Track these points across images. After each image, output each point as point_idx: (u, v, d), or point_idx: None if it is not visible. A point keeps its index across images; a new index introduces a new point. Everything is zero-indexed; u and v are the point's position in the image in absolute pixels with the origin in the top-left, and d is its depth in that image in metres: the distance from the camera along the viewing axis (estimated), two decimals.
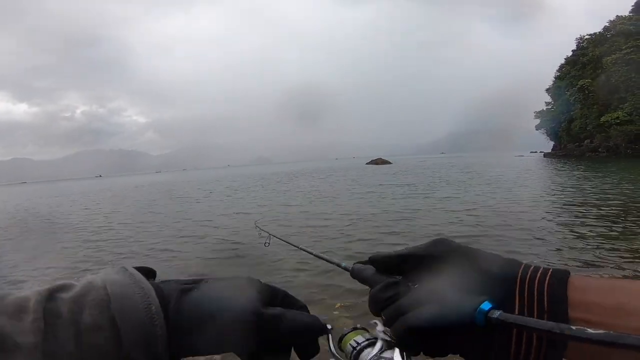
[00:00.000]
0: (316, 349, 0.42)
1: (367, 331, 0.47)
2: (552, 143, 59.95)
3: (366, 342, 0.45)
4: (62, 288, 0.33)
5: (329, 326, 0.43)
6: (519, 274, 0.36)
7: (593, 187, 12.32)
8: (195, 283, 0.39)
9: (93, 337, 0.30)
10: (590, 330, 0.27)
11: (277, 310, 0.39)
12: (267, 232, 1.06)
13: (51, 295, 0.32)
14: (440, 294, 0.37)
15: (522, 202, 10.07)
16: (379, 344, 0.44)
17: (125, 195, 24.10)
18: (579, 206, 8.89)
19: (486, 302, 0.34)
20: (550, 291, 0.34)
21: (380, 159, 62.12)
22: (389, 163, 56.57)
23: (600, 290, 0.33)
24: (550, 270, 0.36)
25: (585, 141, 47.19)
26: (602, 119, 42.48)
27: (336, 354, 0.43)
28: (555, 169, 25.61)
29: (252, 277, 0.41)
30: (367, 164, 58.51)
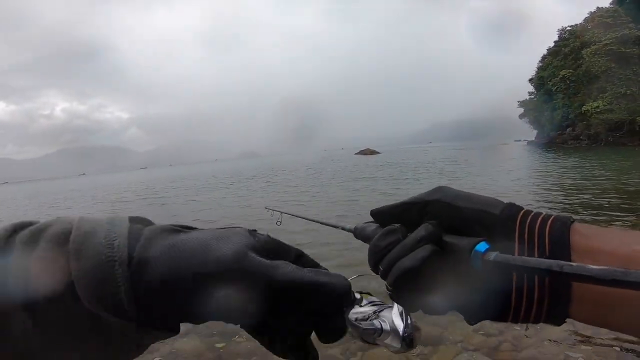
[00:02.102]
0: (342, 325, 0.36)
1: (370, 294, 0.46)
2: (535, 131, 61.23)
3: (369, 304, 0.44)
4: (30, 223, 0.29)
5: (357, 295, 0.39)
6: (519, 217, 0.34)
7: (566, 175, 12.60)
8: (187, 228, 0.33)
9: (44, 274, 0.26)
10: (592, 266, 0.23)
11: (274, 261, 0.31)
12: (279, 211, 1.05)
13: (14, 230, 0.28)
14: (436, 236, 0.36)
15: (506, 190, 10.22)
16: (377, 305, 0.43)
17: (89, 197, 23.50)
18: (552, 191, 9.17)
19: (482, 243, 0.32)
20: (552, 234, 0.32)
21: (369, 149, 62.63)
22: (378, 153, 57.08)
23: (608, 238, 0.31)
24: (553, 215, 0.34)
25: (567, 129, 48.27)
26: (583, 108, 43.41)
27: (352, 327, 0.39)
28: (539, 156, 26.21)
29: (256, 230, 0.34)
30: (355, 154, 58.93)
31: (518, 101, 61.47)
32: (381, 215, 0.43)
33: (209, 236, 0.30)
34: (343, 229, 0.54)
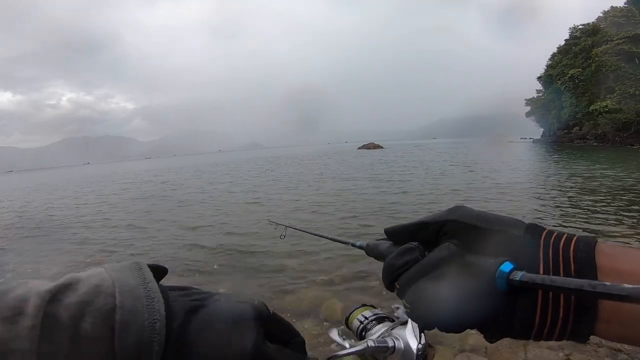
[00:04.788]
0: None
1: (376, 308, 0.46)
2: (542, 130, 60.71)
3: (374, 317, 0.44)
4: (66, 288, 0.30)
5: (367, 314, 0.42)
6: (543, 237, 0.34)
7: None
8: (203, 300, 0.36)
9: (90, 347, 0.28)
10: (627, 285, 0.23)
11: (274, 351, 0.37)
12: (283, 225, 1.06)
13: (53, 297, 0.29)
14: (458, 257, 0.35)
15: (513, 191, 10.08)
16: (388, 320, 0.42)
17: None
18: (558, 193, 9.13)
19: (507, 263, 0.31)
20: (577, 255, 0.32)
21: (372, 143, 62.31)
22: (381, 148, 56.81)
23: (634, 258, 0.30)
24: (577, 235, 0.33)
25: (574, 128, 47.81)
26: (592, 107, 43.00)
27: None
28: (544, 156, 25.98)
29: (259, 302, 0.38)
30: (359, 148, 58.72)
31: (525, 99, 60.95)
32: (396, 234, 0.43)
33: (227, 319, 0.35)
34: (353, 245, 0.53)
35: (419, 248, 0.39)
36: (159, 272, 0.37)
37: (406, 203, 9.31)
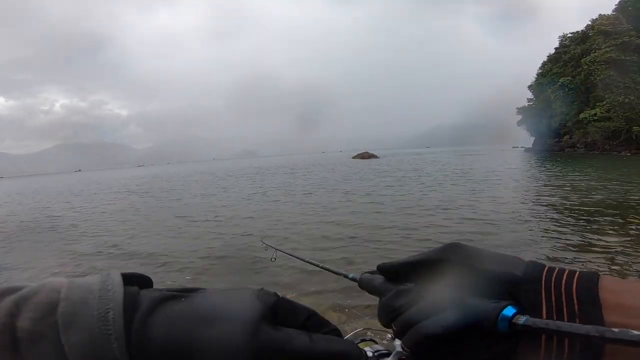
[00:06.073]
0: None
1: (376, 342, 0.45)
2: (533, 138, 61.34)
3: (375, 354, 0.42)
4: (15, 290, 0.27)
5: (369, 352, 0.39)
6: (544, 276, 0.33)
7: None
8: (188, 292, 0.30)
9: (32, 346, 0.25)
10: (634, 332, 0.24)
11: (287, 332, 0.29)
12: (274, 247, 1.07)
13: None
14: (458, 300, 0.34)
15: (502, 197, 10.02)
16: (387, 357, 0.41)
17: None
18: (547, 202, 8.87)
19: (509, 307, 0.31)
20: (580, 293, 0.31)
21: (367, 152, 61.46)
22: (376, 157, 56.25)
23: (637, 293, 0.30)
24: (578, 271, 0.33)
25: (565, 137, 48.35)
26: (581, 115, 43.56)
27: None
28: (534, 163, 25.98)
29: (265, 289, 0.32)
30: (353, 157, 58.15)
31: (517, 108, 61.65)
32: (390, 272, 0.42)
33: (213, 306, 0.29)
34: (346, 276, 0.52)
35: (415, 290, 0.38)
36: (140, 280, 0.32)
37: (401, 222, 8.64)
